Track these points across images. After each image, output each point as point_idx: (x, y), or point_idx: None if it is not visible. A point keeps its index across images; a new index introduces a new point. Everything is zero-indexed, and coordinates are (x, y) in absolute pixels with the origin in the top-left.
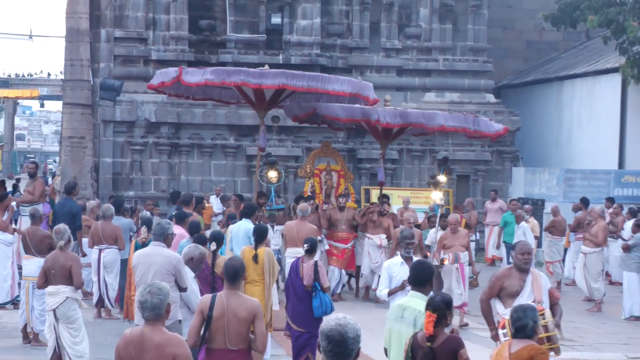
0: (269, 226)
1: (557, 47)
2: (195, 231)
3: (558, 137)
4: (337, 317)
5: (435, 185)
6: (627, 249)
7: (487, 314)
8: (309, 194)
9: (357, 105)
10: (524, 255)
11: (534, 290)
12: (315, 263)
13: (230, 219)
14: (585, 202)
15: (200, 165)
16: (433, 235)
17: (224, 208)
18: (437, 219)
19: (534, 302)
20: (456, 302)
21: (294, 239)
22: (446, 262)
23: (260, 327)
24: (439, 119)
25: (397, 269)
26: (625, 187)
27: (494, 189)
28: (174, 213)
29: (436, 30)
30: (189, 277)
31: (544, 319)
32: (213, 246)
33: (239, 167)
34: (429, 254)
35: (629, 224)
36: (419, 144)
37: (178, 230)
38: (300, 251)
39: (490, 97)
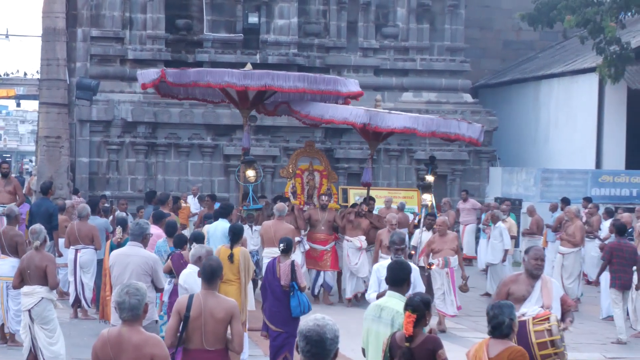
0: (247, 226)
1: (534, 46)
2: (172, 231)
3: (535, 137)
4: (316, 317)
5: (426, 187)
6: (604, 249)
7: None
8: (289, 194)
9: (361, 108)
10: (537, 260)
11: (543, 296)
12: (292, 263)
13: (205, 219)
14: (566, 202)
15: (177, 165)
16: (418, 235)
17: (202, 208)
18: (422, 218)
19: (542, 307)
20: (449, 311)
21: (271, 239)
22: (434, 267)
23: (238, 328)
24: (432, 125)
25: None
26: (603, 187)
27: (465, 189)
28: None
29: (413, 30)
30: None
31: (548, 322)
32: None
33: (216, 166)
34: (413, 252)
35: (606, 224)
36: (396, 143)
37: (155, 230)
38: (277, 251)
39: (468, 97)
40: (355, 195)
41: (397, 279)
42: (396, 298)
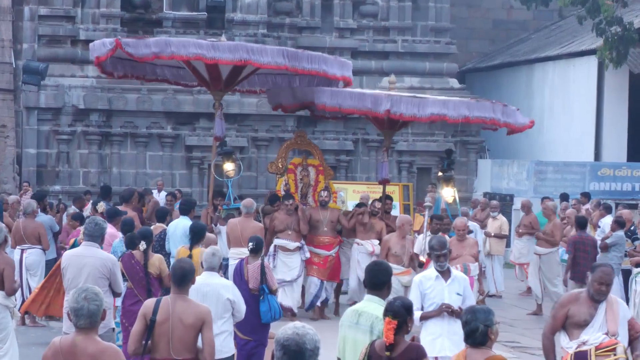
0: (225, 228)
1: (527, 27)
2: (128, 230)
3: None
4: (295, 325)
5: (447, 180)
6: (605, 248)
7: (548, 351)
8: (283, 192)
9: (367, 92)
10: (602, 286)
11: (608, 321)
12: (262, 264)
13: (167, 215)
14: (564, 197)
15: (134, 157)
16: (422, 241)
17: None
18: (425, 222)
19: (606, 334)
20: None
21: (238, 238)
22: None
23: (209, 336)
24: (463, 108)
25: (431, 285)
26: (602, 180)
27: (432, 182)
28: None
29: (394, 8)
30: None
31: (614, 355)
32: (142, 245)
33: (177, 158)
34: (424, 261)
35: (606, 221)
36: (375, 133)
37: (109, 229)
38: (245, 251)
39: (454, 82)
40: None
41: (377, 281)
42: (375, 302)
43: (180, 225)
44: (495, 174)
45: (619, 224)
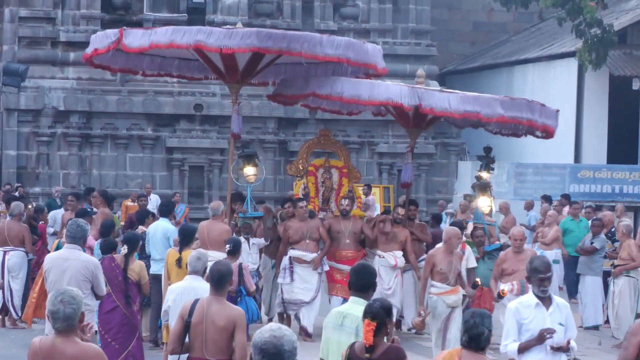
0: (242, 239)
1: (507, 29)
2: (107, 233)
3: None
4: (272, 328)
5: (483, 188)
6: (593, 251)
7: None
8: (301, 196)
9: (391, 84)
10: None
11: None
12: (240, 265)
13: (146, 217)
14: (548, 199)
15: (114, 159)
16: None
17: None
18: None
19: None
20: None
21: (204, 240)
22: (507, 295)
23: (241, 339)
24: (497, 107)
25: (529, 313)
26: (582, 182)
27: (367, 183)
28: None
29: (375, 10)
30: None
31: None
32: (124, 250)
33: (157, 160)
34: (479, 281)
35: None
36: (356, 135)
37: None
38: (213, 255)
39: (435, 84)
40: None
41: (364, 283)
42: (361, 304)
43: (160, 227)
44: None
45: (600, 226)
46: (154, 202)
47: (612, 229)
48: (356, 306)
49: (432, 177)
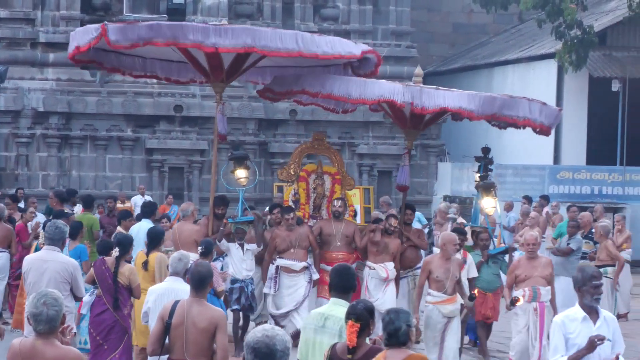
0: (235, 245)
1: (487, 30)
2: (75, 234)
3: (488, 129)
4: (264, 328)
5: (487, 189)
6: (569, 252)
7: None
8: (290, 203)
9: (383, 82)
10: None
11: None
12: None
13: (123, 218)
14: (529, 200)
15: (93, 160)
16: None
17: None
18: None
19: None
20: None
21: (176, 241)
22: (520, 302)
23: (222, 340)
24: (524, 108)
25: (576, 327)
26: (561, 183)
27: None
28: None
29: (355, 11)
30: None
31: None
32: (115, 252)
33: (137, 161)
34: (476, 293)
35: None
36: (336, 136)
37: None
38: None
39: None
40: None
41: (346, 285)
42: (342, 306)
43: (142, 228)
44: (455, 177)
45: (577, 227)
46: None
47: (591, 230)
48: (338, 307)
49: (412, 179)
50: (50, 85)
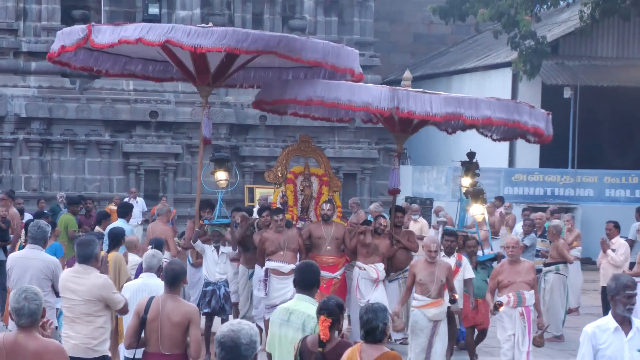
0: (211, 247)
1: (446, 40)
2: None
3: (446, 133)
4: (231, 322)
5: (476, 195)
6: (523, 248)
7: None
8: (278, 205)
9: (371, 86)
10: None
11: None
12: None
13: (103, 219)
14: (501, 200)
15: (73, 163)
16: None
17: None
18: (439, 239)
19: None
20: None
21: (148, 240)
22: (503, 308)
23: (195, 334)
24: (484, 107)
25: (607, 338)
26: (516, 185)
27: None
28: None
29: (321, 22)
30: None
31: None
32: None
33: (114, 164)
34: (456, 297)
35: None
36: (317, 141)
37: None
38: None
39: None
40: (262, 194)
41: (309, 281)
42: (306, 301)
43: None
44: (416, 179)
45: (532, 226)
46: (140, 206)
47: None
48: (302, 303)
49: (375, 181)
50: (32, 93)
